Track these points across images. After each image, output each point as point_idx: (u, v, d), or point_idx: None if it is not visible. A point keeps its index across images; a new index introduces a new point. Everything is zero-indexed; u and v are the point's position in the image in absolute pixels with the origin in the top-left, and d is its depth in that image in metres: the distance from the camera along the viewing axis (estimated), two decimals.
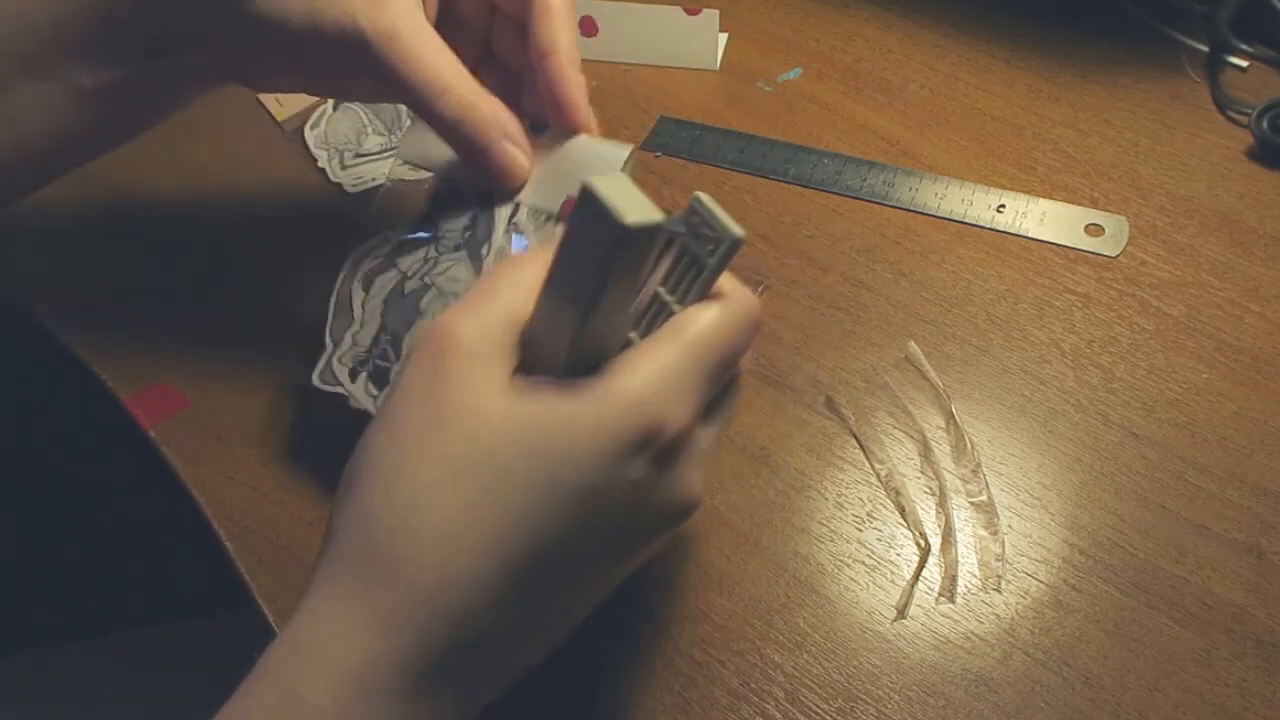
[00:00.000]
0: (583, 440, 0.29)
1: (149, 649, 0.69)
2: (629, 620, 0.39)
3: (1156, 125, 0.54)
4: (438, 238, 0.41)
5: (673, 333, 0.31)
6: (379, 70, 0.37)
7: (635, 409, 0.29)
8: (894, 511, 0.41)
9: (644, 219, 0.27)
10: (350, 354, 0.42)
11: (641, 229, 0.27)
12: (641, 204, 0.27)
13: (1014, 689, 0.37)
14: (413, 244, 0.42)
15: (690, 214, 0.31)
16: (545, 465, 0.29)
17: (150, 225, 0.54)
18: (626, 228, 0.27)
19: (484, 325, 0.30)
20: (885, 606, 0.39)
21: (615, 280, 0.29)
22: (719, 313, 0.31)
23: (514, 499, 0.29)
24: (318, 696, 0.28)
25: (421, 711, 0.29)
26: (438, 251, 0.41)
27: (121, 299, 0.51)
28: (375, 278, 0.42)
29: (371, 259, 0.42)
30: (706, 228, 0.30)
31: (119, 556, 0.63)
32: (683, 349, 0.30)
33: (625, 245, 0.27)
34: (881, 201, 0.52)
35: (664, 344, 0.30)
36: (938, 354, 0.46)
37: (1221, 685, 0.36)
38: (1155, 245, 0.49)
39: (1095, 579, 0.39)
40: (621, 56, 0.61)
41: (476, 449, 0.29)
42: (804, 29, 0.62)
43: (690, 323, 0.31)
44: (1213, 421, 0.43)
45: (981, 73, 0.58)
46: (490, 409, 0.29)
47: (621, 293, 0.30)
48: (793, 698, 0.37)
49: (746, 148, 0.55)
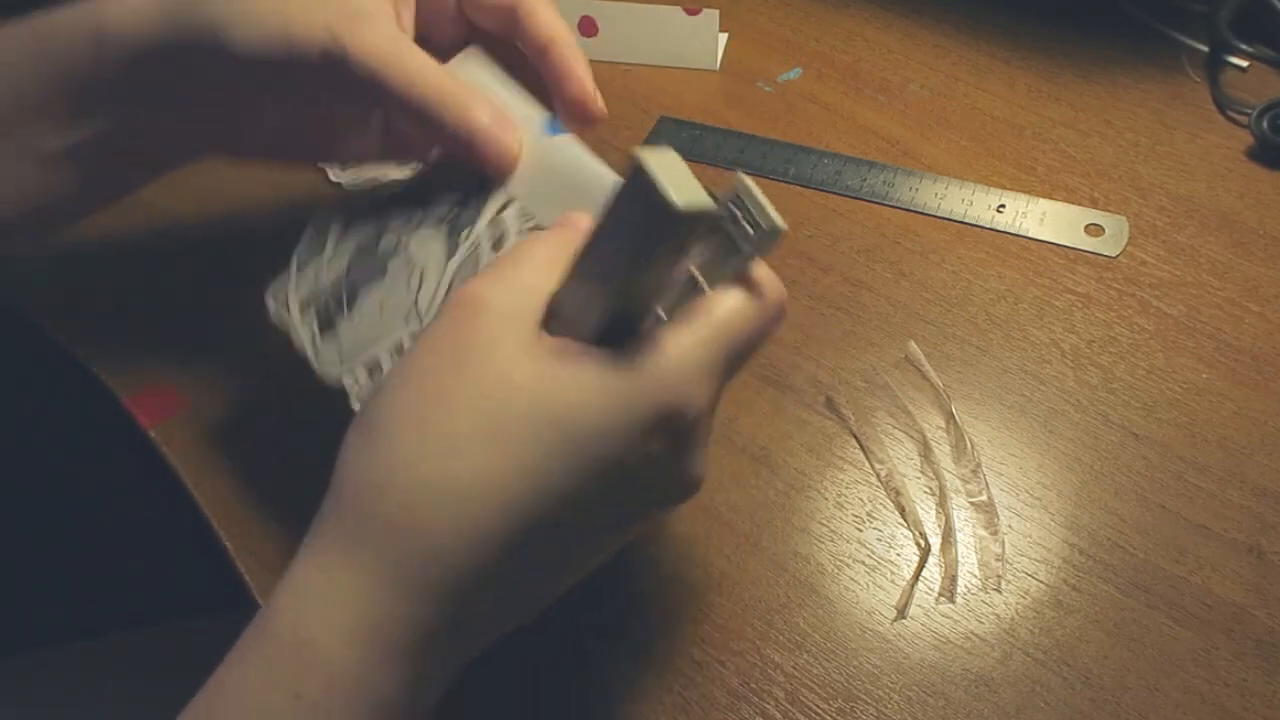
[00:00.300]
0: (610, 415, 0.29)
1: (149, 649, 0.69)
2: (629, 620, 0.39)
3: (1156, 125, 0.54)
4: (428, 202, 0.41)
5: (704, 318, 0.30)
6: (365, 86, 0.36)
7: (664, 389, 0.29)
8: (894, 511, 0.41)
9: (695, 203, 0.26)
10: (308, 286, 0.41)
11: (691, 213, 0.26)
12: (692, 186, 0.26)
13: (1014, 689, 0.37)
14: (403, 199, 0.41)
15: (734, 198, 0.30)
16: (571, 433, 0.29)
17: (150, 226, 0.54)
18: (677, 211, 0.26)
19: (513, 290, 0.30)
20: (885, 606, 0.39)
21: (656, 260, 0.28)
22: (751, 304, 0.31)
23: (538, 463, 0.29)
24: (331, 646, 0.28)
25: (429, 665, 0.30)
26: (422, 216, 0.41)
27: (121, 299, 0.51)
28: (356, 220, 0.42)
29: (360, 200, 0.42)
30: (748, 214, 0.30)
31: (119, 556, 0.63)
32: (713, 337, 0.30)
33: (672, 228, 0.27)
34: (881, 201, 0.52)
35: (695, 328, 0.30)
36: (938, 354, 0.46)
37: (1221, 685, 0.36)
38: (1155, 245, 0.49)
39: (1095, 579, 0.39)
40: (621, 56, 0.61)
41: (504, 408, 0.29)
42: (804, 29, 0.62)
43: (722, 310, 0.31)
44: (1213, 421, 0.43)
45: (981, 73, 0.58)
46: (520, 370, 0.29)
47: (659, 271, 0.30)
48: (793, 698, 0.37)
49: (746, 148, 0.55)
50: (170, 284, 0.51)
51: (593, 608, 0.40)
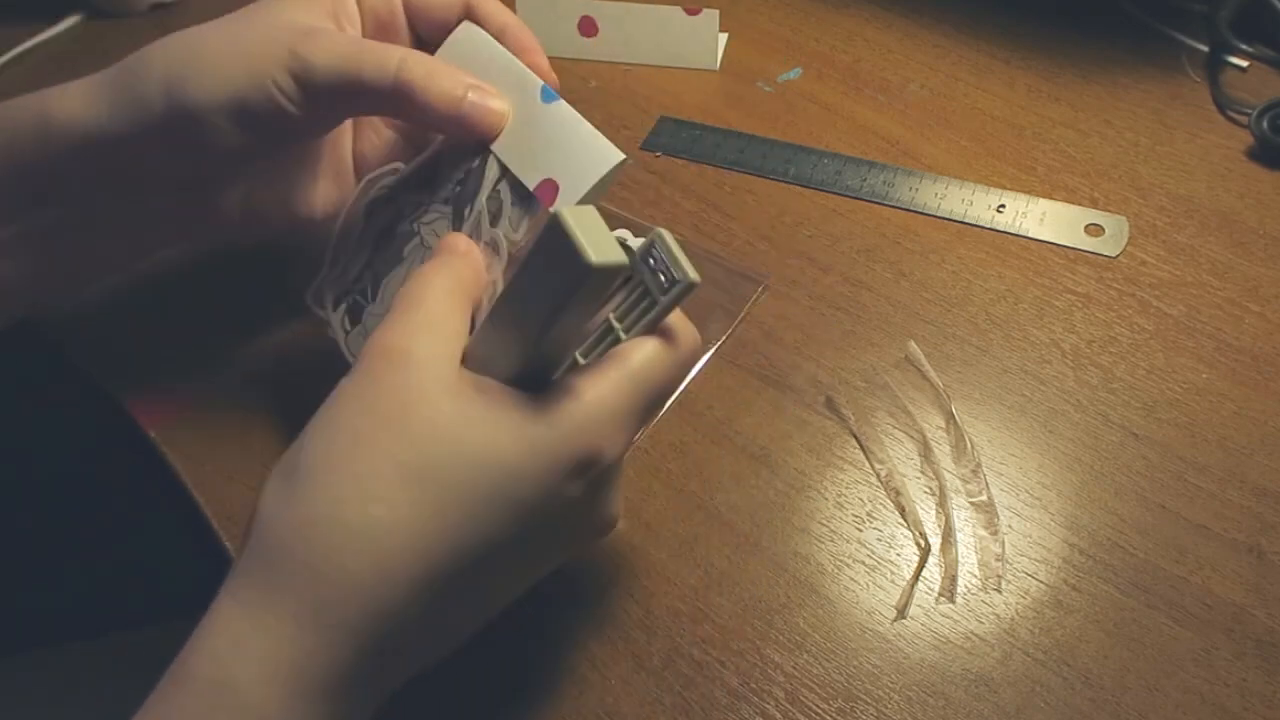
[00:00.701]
0: (529, 460, 0.30)
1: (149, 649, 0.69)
2: (629, 620, 0.39)
3: (1156, 125, 0.54)
4: (434, 183, 0.41)
5: (621, 366, 0.31)
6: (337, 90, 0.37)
7: (582, 436, 0.30)
8: (894, 511, 0.41)
9: (609, 260, 0.28)
10: (339, 282, 0.42)
11: (604, 268, 0.28)
12: (608, 243, 0.28)
13: (1014, 689, 0.37)
14: (413, 183, 0.42)
15: (650, 249, 0.31)
16: (490, 476, 0.29)
17: None
18: (591, 267, 0.27)
19: (428, 336, 0.31)
20: (885, 606, 0.39)
21: (570, 311, 0.30)
22: (666, 353, 0.32)
23: (456, 505, 0.29)
24: (250, 687, 0.28)
25: (349, 703, 0.30)
26: (430, 198, 0.41)
27: (121, 300, 0.51)
28: (377, 209, 0.42)
29: (380, 186, 0.42)
30: (664, 266, 0.31)
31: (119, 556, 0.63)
32: (629, 385, 0.31)
33: (586, 281, 0.28)
34: (881, 201, 0.52)
35: (612, 377, 0.31)
36: (938, 354, 0.46)
37: (1221, 685, 0.36)
38: (1155, 245, 0.49)
39: (1095, 579, 0.39)
40: (621, 56, 0.61)
41: (422, 451, 0.29)
42: (804, 29, 0.62)
43: (637, 359, 0.32)
44: (1213, 421, 0.43)
45: (981, 73, 0.58)
46: (442, 414, 0.29)
47: (575, 321, 0.31)
48: (793, 698, 0.37)
49: (746, 148, 0.55)
50: (171, 284, 0.51)
51: (592, 608, 0.40)
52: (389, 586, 0.29)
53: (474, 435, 0.29)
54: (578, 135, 0.38)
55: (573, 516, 0.32)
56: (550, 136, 0.38)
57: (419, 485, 0.29)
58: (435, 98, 0.38)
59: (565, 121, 0.38)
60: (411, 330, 0.31)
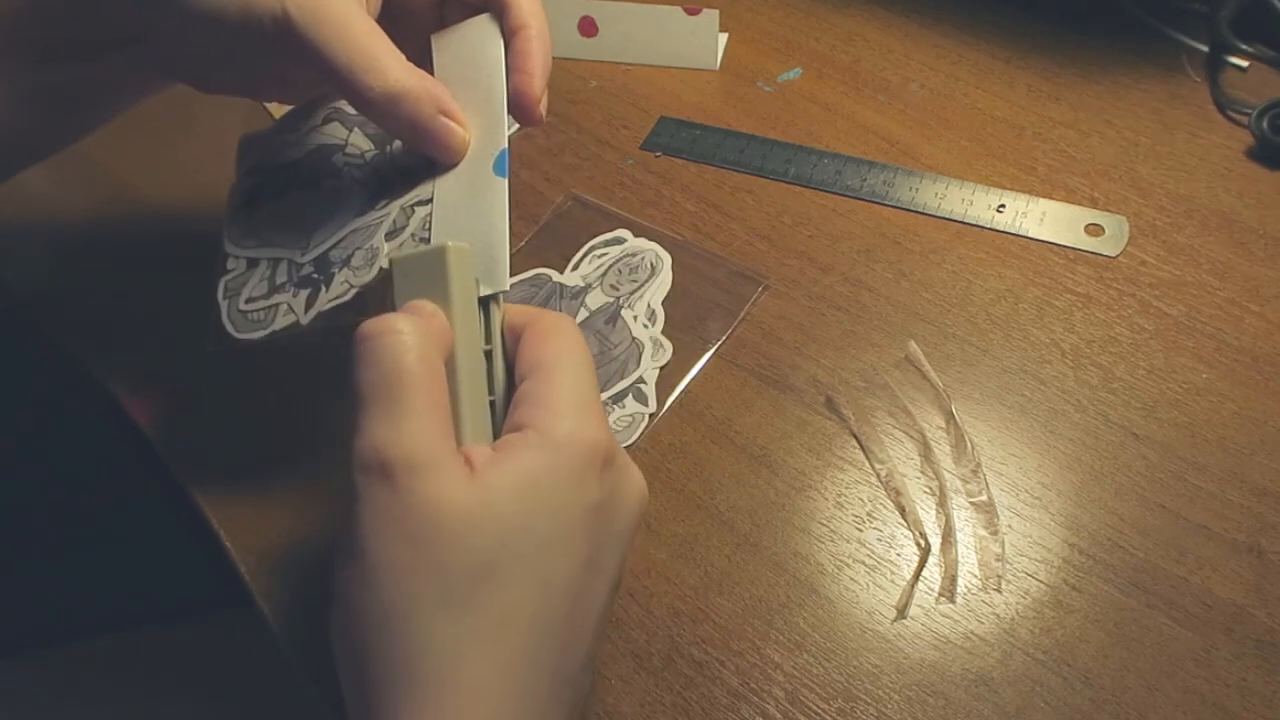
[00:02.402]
0: (548, 491, 0.30)
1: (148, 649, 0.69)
2: (629, 620, 0.39)
3: (1156, 125, 0.54)
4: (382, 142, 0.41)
5: (549, 371, 0.32)
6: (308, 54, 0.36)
7: (577, 443, 0.31)
8: (894, 511, 0.41)
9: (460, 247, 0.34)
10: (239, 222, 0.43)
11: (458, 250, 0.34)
12: None
13: (1014, 689, 0.37)
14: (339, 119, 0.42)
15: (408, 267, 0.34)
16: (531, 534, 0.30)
17: (150, 226, 0.54)
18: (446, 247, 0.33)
19: (412, 432, 0.30)
20: (885, 606, 0.39)
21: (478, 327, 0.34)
22: (567, 336, 0.33)
23: (515, 581, 0.29)
24: None
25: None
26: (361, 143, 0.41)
27: (121, 299, 0.51)
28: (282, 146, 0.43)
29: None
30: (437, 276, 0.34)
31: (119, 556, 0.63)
32: (571, 378, 0.32)
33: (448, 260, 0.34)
34: (881, 201, 0.52)
35: (553, 381, 0.32)
36: (938, 354, 0.46)
37: (1221, 685, 0.36)
38: (1155, 245, 0.49)
39: (1095, 579, 0.39)
40: (621, 56, 0.61)
41: (463, 550, 0.29)
42: (804, 29, 0.62)
43: (554, 355, 0.33)
44: (1213, 421, 0.43)
45: (981, 73, 0.58)
46: (457, 505, 0.29)
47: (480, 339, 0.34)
48: (793, 698, 0.37)
49: (746, 148, 0.55)
50: (171, 284, 0.51)
51: None
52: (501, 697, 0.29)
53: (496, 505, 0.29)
54: (487, 222, 0.36)
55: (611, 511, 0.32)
56: (475, 209, 0.37)
57: (477, 586, 0.29)
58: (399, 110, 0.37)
59: (494, 208, 0.37)
60: (387, 428, 0.30)
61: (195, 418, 0.46)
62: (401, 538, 0.29)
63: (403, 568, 0.29)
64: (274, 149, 0.43)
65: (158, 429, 0.46)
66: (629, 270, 0.50)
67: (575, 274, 0.50)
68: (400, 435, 0.30)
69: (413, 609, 0.29)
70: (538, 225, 0.53)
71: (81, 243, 0.53)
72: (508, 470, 0.30)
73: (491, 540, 0.29)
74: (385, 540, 0.29)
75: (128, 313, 0.50)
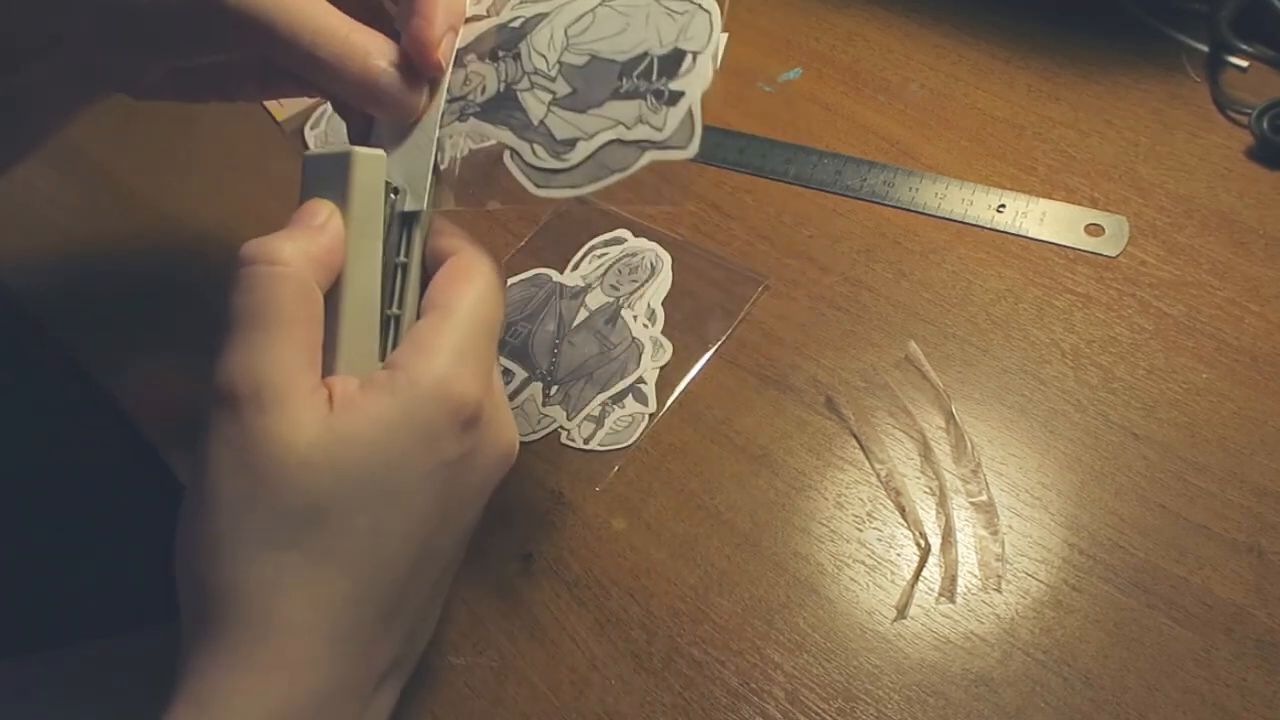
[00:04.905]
0: (398, 443, 0.30)
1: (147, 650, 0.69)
2: (629, 620, 0.39)
3: (1156, 125, 0.54)
4: None
5: (441, 315, 0.31)
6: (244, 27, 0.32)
7: (441, 396, 0.30)
8: (894, 511, 0.41)
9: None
10: None
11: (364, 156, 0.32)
12: None
13: (1014, 689, 0.37)
14: None
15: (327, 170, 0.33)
16: (370, 485, 0.29)
17: (151, 225, 0.54)
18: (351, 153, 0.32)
19: (267, 365, 0.30)
20: (885, 606, 0.39)
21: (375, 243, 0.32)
22: (477, 283, 0.32)
23: (347, 529, 0.29)
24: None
25: None
26: None
27: (121, 299, 0.51)
28: None
29: None
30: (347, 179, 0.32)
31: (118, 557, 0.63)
32: (461, 326, 0.31)
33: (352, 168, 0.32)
34: (881, 201, 0.52)
35: (440, 327, 0.31)
36: (938, 354, 0.46)
37: (1221, 685, 0.36)
38: (1155, 245, 0.49)
39: (1095, 579, 0.39)
40: None
41: (296, 492, 0.29)
42: (804, 29, 0.62)
43: (453, 300, 0.32)
44: (1213, 421, 0.43)
45: (981, 73, 0.58)
46: (297, 446, 0.29)
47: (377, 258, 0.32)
48: (793, 698, 0.37)
49: (746, 148, 0.55)
50: (171, 283, 0.51)
51: (592, 608, 0.40)
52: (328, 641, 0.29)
53: (342, 451, 0.29)
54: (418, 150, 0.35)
55: (465, 466, 0.32)
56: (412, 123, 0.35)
57: (314, 533, 0.29)
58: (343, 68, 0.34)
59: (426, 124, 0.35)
60: (256, 364, 0.30)
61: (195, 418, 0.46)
62: (238, 471, 0.29)
63: (236, 501, 0.29)
64: None
65: (158, 429, 0.46)
66: (629, 270, 0.50)
67: (575, 274, 0.50)
68: (254, 367, 0.29)
69: (239, 543, 0.29)
70: (537, 225, 0.53)
71: (81, 243, 0.53)
72: (360, 416, 0.30)
73: (326, 485, 0.29)
74: (223, 472, 0.29)
75: (128, 313, 0.50)
